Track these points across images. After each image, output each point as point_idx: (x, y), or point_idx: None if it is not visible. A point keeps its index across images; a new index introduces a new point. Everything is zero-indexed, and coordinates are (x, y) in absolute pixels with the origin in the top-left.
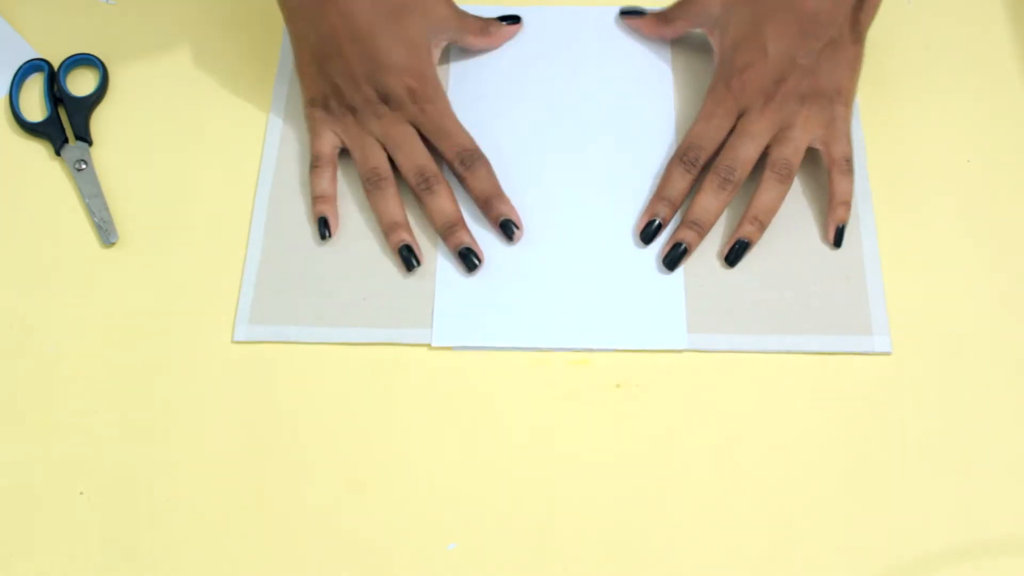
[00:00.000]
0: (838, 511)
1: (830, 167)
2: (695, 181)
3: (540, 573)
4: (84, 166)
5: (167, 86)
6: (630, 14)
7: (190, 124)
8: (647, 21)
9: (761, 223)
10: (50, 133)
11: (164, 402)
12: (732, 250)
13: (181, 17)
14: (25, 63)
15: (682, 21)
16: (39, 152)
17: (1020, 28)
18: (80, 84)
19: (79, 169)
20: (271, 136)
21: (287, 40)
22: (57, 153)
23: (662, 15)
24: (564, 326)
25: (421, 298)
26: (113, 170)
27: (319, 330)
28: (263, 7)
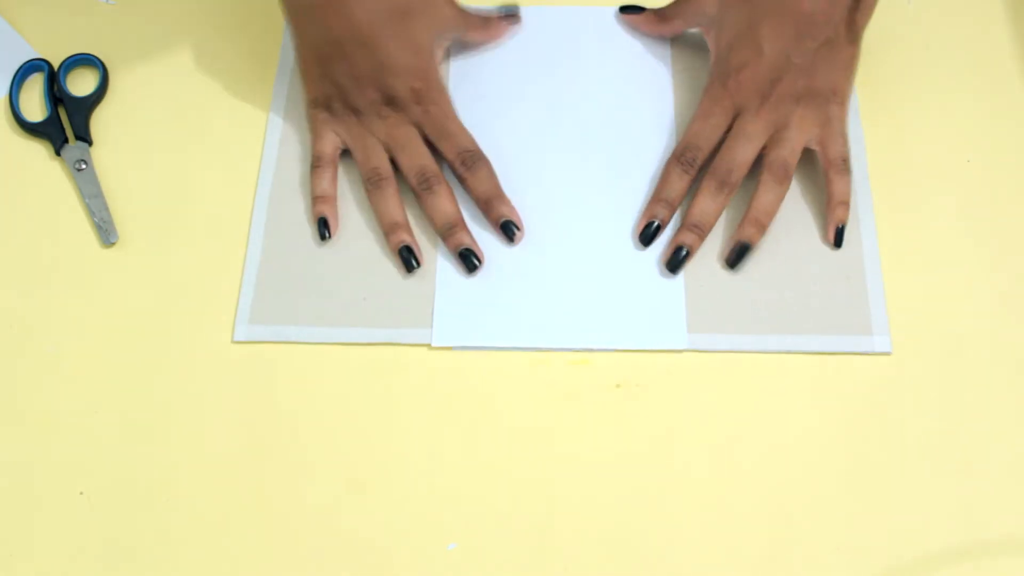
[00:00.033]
0: (838, 511)
1: (827, 168)
2: (693, 181)
3: (540, 573)
4: (84, 166)
5: (167, 86)
6: (629, 10)
7: (190, 124)
8: (645, 18)
9: (761, 224)
10: (50, 133)
11: (164, 402)
12: (733, 252)
13: (181, 17)
14: (25, 63)
15: (679, 20)
16: (39, 152)
17: (1020, 28)
18: (80, 84)
19: (79, 169)
20: (271, 136)
21: (287, 40)
22: (57, 153)
23: (660, 13)
24: (564, 326)
25: (421, 298)
26: (113, 170)
27: (319, 330)
28: (263, 7)
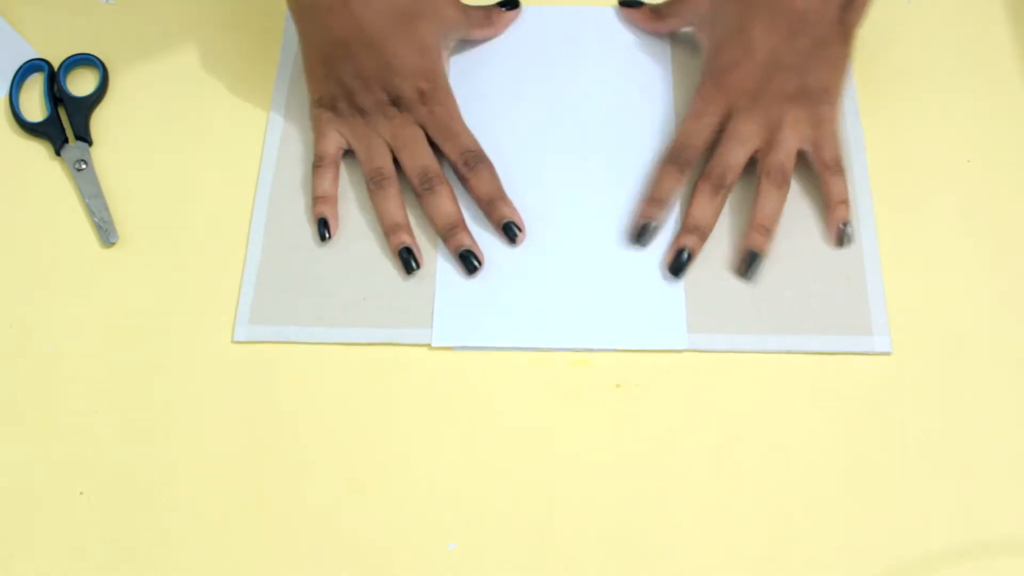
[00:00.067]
0: (838, 511)
1: (821, 169)
2: (685, 181)
3: (540, 573)
4: (84, 166)
5: (167, 86)
6: (628, 5)
7: (190, 124)
8: (642, 14)
9: (768, 231)
10: (50, 133)
11: (164, 402)
12: (744, 262)
13: (181, 17)
14: (25, 63)
15: (674, 18)
16: (39, 152)
17: (1020, 28)
18: (80, 84)
19: (79, 169)
20: (271, 136)
21: (287, 40)
22: (57, 153)
23: (656, 10)
24: (564, 326)
25: (421, 298)
26: (113, 170)
27: (319, 330)
28: (263, 7)
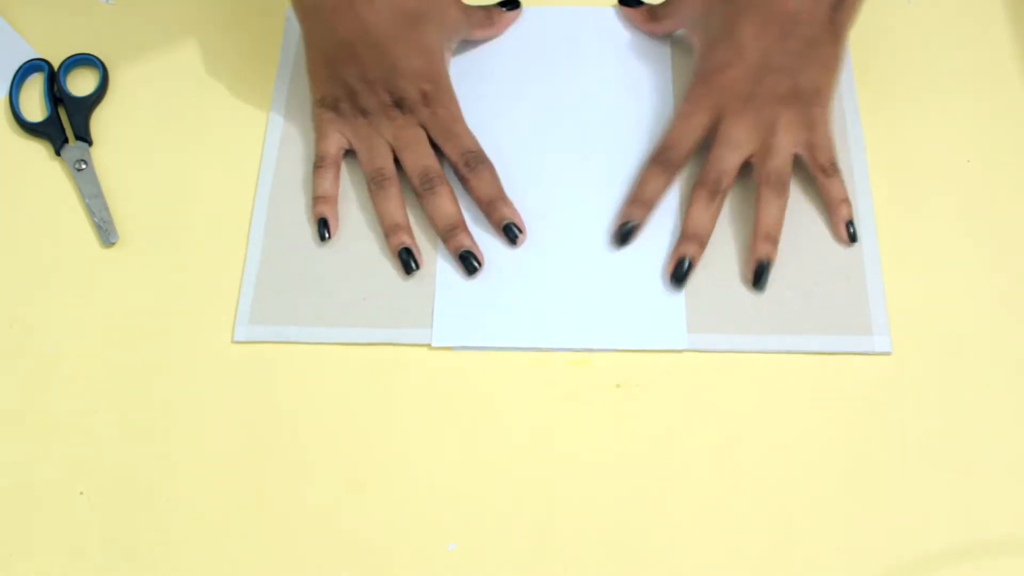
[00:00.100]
0: (838, 511)
1: (817, 173)
2: (671, 182)
3: (540, 573)
4: (84, 166)
5: (167, 86)
6: (627, 5)
7: (190, 124)
8: (640, 15)
9: (773, 239)
10: (50, 133)
11: (164, 402)
12: (754, 273)
13: (181, 17)
14: (25, 63)
15: (669, 20)
16: (39, 152)
17: (1020, 28)
18: (80, 84)
19: (79, 169)
20: (271, 136)
21: (287, 40)
22: (57, 153)
23: (653, 11)
24: (564, 326)
25: (421, 298)
26: (113, 170)
27: (319, 330)
28: (263, 7)
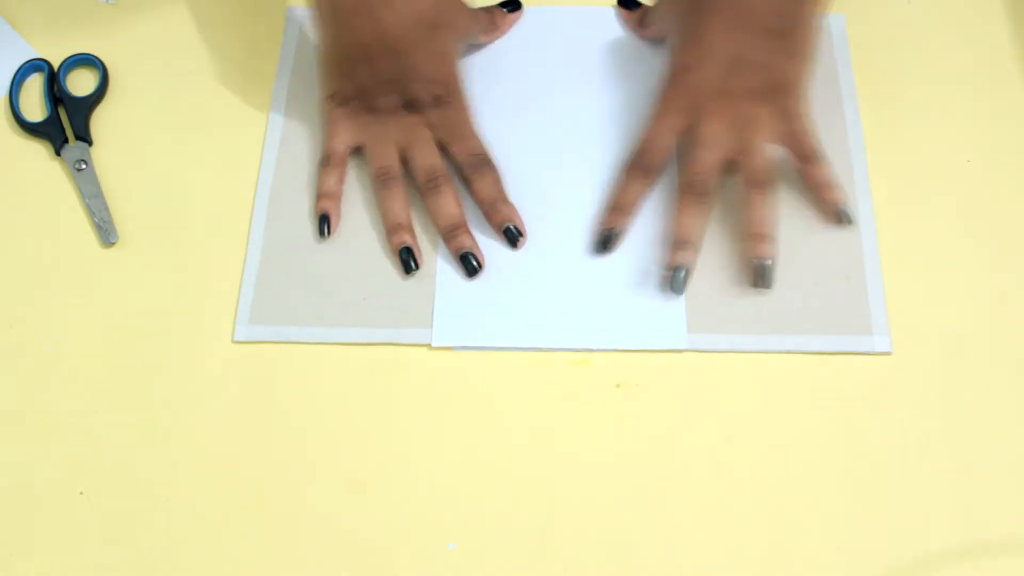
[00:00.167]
0: (838, 511)
1: (801, 163)
2: (651, 186)
3: (540, 573)
4: (84, 166)
5: (167, 86)
6: (624, 6)
7: (190, 124)
8: (634, 18)
9: (768, 236)
10: (50, 133)
11: (164, 402)
12: (757, 273)
13: (181, 17)
14: (25, 63)
15: (653, 27)
16: (39, 152)
17: (1020, 28)
18: (80, 84)
19: (79, 169)
20: (271, 136)
21: (287, 40)
22: (57, 153)
23: (641, 16)
24: (564, 326)
25: (421, 298)
26: (113, 170)
27: (319, 330)
28: (263, 7)
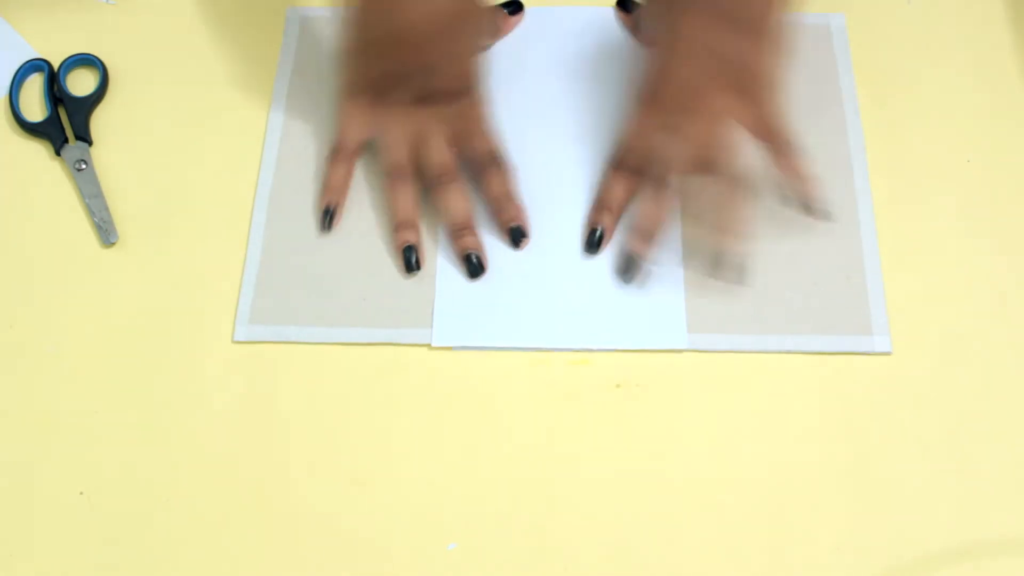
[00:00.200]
0: (838, 511)
1: (776, 154)
2: (635, 184)
3: (540, 573)
4: (84, 166)
5: (167, 86)
6: (623, 8)
7: (190, 123)
8: (629, 20)
9: (738, 233)
10: (50, 133)
11: (164, 402)
12: (712, 263)
13: (181, 17)
14: (25, 63)
15: (640, 32)
16: (39, 152)
17: (1020, 28)
18: (80, 84)
19: (79, 169)
20: (271, 136)
21: (287, 40)
22: (57, 153)
23: (633, 19)
24: (564, 326)
25: (421, 298)
26: (113, 170)
27: (319, 330)
28: (263, 7)
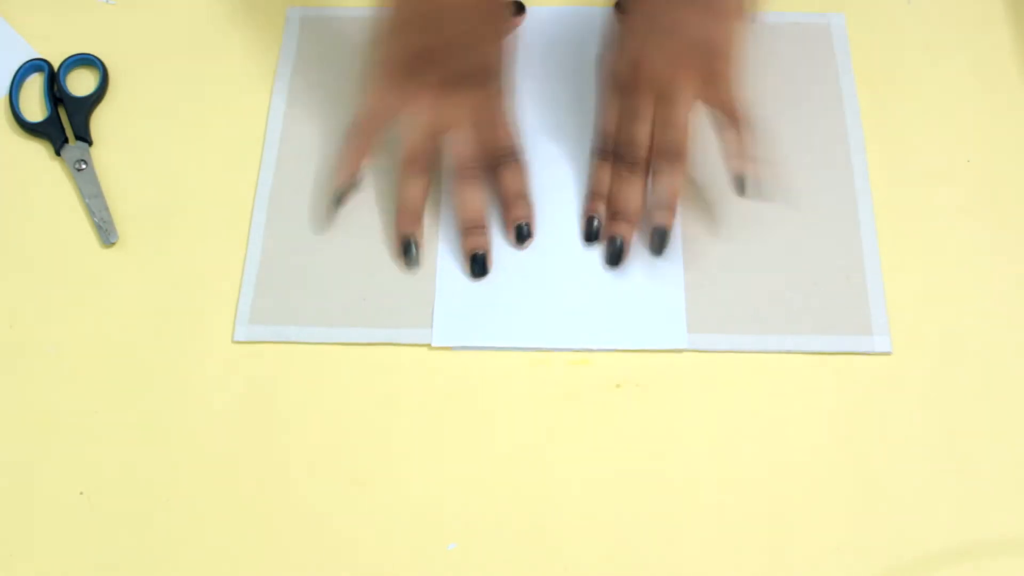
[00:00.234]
0: (838, 511)
1: (725, 127)
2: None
3: (540, 573)
4: (84, 166)
5: (167, 86)
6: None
7: (190, 124)
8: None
9: (671, 208)
10: (50, 133)
11: (164, 402)
12: (654, 240)
13: (181, 17)
14: (25, 63)
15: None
16: (39, 152)
17: (1020, 28)
18: (80, 84)
19: (79, 169)
20: (271, 136)
21: (287, 40)
22: (57, 153)
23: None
24: (564, 326)
25: (421, 298)
26: (113, 170)
27: (319, 330)
28: (263, 7)
